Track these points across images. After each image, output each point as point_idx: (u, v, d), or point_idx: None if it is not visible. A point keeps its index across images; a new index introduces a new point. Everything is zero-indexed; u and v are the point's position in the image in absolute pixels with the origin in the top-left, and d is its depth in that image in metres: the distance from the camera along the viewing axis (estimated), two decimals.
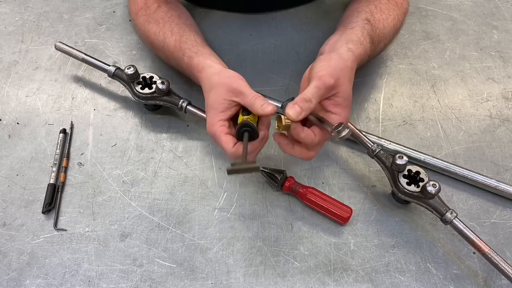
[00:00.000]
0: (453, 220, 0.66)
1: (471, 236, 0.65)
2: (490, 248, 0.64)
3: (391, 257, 0.69)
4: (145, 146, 0.80)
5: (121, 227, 0.72)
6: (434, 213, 0.67)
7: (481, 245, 0.64)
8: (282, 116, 0.63)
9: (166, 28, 0.79)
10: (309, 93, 0.61)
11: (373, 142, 0.72)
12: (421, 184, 0.67)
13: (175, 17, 0.81)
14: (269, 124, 0.66)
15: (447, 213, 0.66)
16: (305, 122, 0.63)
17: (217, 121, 0.64)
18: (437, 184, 0.65)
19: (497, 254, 0.64)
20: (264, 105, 0.61)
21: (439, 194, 0.66)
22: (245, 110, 0.64)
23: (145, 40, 0.86)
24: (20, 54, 0.92)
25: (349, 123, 0.74)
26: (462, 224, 0.66)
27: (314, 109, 0.61)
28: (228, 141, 0.62)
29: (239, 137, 0.62)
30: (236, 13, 0.98)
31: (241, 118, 0.63)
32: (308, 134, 0.62)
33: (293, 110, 0.60)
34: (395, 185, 0.69)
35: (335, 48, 0.70)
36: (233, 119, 0.66)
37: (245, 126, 0.61)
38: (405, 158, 0.67)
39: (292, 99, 0.62)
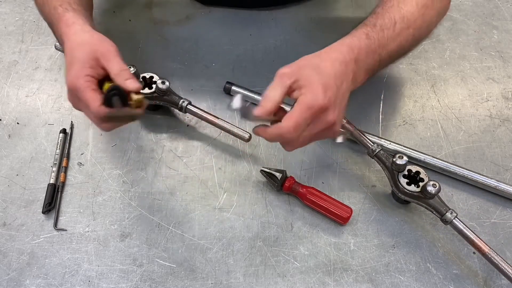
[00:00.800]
0: (453, 220, 0.66)
1: (471, 236, 0.65)
2: (490, 248, 0.64)
3: (391, 257, 0.69)
4: (145, 146, 0.80)
5: (121, 227, 0.72)
6: (434, 213, 0.67)
7: (481, 245, 0.64)
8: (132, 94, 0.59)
9: None
10: (267, 91, 0.58)
11: (373, 142, 0.72)
12: (421, 184, 0.67)
13: None
14: None
15: (447, 213, 0.66)
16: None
17: (83, 75, 0.58)
18: (437, 184, 0.65)
19: (497, 254, 0.64)
20: (129, 80, 0.58)
21: (439, 194, 0.66)
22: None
23: None
24: (20, 54, 0.92)
25: (349, 124, 0.74)
26: (462, 224, 0.66)
27: (276, 103, 0.57)
28: (95, 98, 0.57)
29: (108, 103, 0.57)
30: (236, 9, 0.98)
31: (107, 85, 0.59)
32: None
33: (259, 110, 0.57)
34: (395, 185, 0.69)
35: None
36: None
37: (114, 89, 0.57)
38: (405, 158, 0.67)
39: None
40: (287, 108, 0.61)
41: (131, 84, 0.58)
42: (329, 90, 0.57)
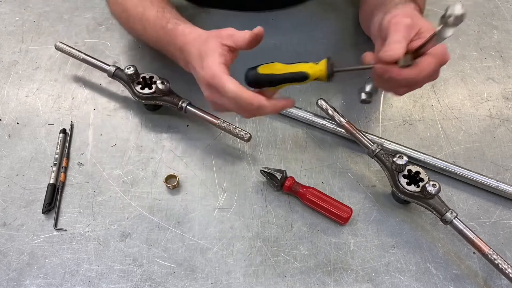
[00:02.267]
0: (453, 220, 0.66)
1: (471, 236, 0.65)
2: (490, 248, 0.64)
3: (391, 257, 0.69)
4: (145, 146, 0.80)
5: (121, 227, 0.72)
6: (434, 213, 0.67)
7: (481, 245, 0.64)
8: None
9: (146, 0, 0.77)
10: (394, 37, 0.60)
11: (373, 142, 0.72)
12: (421, 184, 0.67)
13: None
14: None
15: (447, 213, 0.66)
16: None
17: (217, 63, 0.62)
18: (437, 184, 0.65)
19: (497, 254, 0.64)
20: (252, 31, 0.62)
21: (439, 194, 0.66)
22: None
23: (121, 14, 0.83)
24: (20, 54, 0.92)
25: (349, 124, 0.74)
26: (462, 224, 0.66)
27: (405, 49, 0.59)
28: (232, 81, 0.60)
29: (330, 76, 0.60)
30: (236, 11, 0.98)
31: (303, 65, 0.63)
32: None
33: (390, 52, 0.58)
34: (395, 185, 0.69)
35: (391, 8, 0.67)
36: None
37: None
38: (405, 158, 0.67)
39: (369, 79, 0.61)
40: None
41: (256, 30, 0.62)
42: None
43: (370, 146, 0.72)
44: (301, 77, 0.61)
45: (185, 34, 0.69)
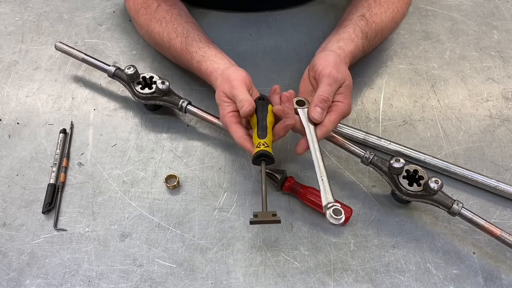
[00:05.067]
0: (461, 210, 0.66)
1: (482, 222, 0.66)
2: (502, 230, 0.65)
3: (391, 257, 0.69)
4: (145, 146, 0.80)
5: (121, 227, 0.72)
6: (440, 208, 0.67)
7: (492, 229, 0.65)
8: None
9: (169, 28, 0.80)
10: (325, 92, 0.67)
11: (365, 150, 0.71)
12: (421, 182, 0.67)
13: (176, 16, 0.82)
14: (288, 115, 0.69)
15: (453, 205, 0.66)
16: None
17: (226, 113, 0.69)
18: (439, 180, 0.65)
19: (510, 235, 0.65)
20: (243, 108, 0.66)
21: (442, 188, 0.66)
22: (258, 106, 0.68)
23: (149, 40, 0.87)
24: (20, 54, 0.92)
25: (336, 135, 0.73)
26: (470, 212, 0.66)
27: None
28: (236, 130, 0.68)
29: (255, 162, 0.65)
30: (236, 12, 0.98)
31: (253, 117, 0.67)
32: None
33: (316, 113, 0.66)
34: (397, 188, 0.69)
35: (327, 48, 0.75)
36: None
37: (261, 156, 0.63)
38: (401, 160, 0.67)
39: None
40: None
41: (245, 110, 0.66)
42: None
43: (362, 154, 0.71)
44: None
45: (208, 74, 0.76)
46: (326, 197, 0.59)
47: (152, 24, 0.82)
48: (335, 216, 0.57)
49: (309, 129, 0.67)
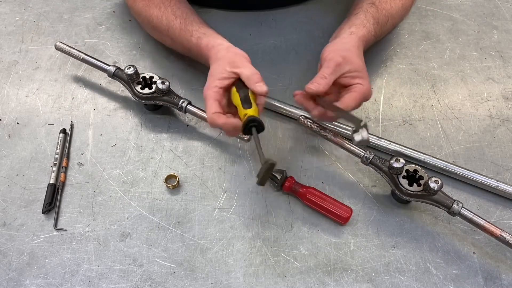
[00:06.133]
0: (461, 210, 0.66)
1: (482, 222, 0.66)
2: (502, 230, 0.65)
3: (391, 257, 0.69)
4: (145, 146, 0.80)
5: (121, 227, 0.72)
6: (440, 208, 0.67)
7: (492, 229, 0.65)
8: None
9: (168, 11, 0.80)
10: (323, 72, 0.68)
11: (365, 150, 0.71)
12: (421, 182, 0.67)
13: (175, 1, 0.82)
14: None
15: (453, 205, 0.66)
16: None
17: (212, 86, 0.68)
18: (439, 180, 0.65)
19: (510, 235, 0.65)
20: (259, 84, 0.66)
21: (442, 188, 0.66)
22: (239, 86, 0.67)
23: (146, 25, 0.87)
24: (20, 54, 0.92)
25: (337, 136, 0.73)
26: (470, 212, 0.66)
27: (330, 85, 0.68)
28: (212, 106, 0.66)
29: (246, 131, 0.64)
30: (235, 11, 0.98)
31: (235, 95, 0.66)
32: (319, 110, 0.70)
33: (314, 85, 0.67)
34: (397, 188, 0.69)
35: (338, 35, 0.77)
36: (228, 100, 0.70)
37: (252, 121, 0.62)
38: (401, 160, 0.67)
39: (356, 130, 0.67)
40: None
41: (260, 87, 0.66)
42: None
43: (362, 154, 0.71)
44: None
45: (208, 48, 0.75)
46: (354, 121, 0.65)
47: (151, 9, 0.82)
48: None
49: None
